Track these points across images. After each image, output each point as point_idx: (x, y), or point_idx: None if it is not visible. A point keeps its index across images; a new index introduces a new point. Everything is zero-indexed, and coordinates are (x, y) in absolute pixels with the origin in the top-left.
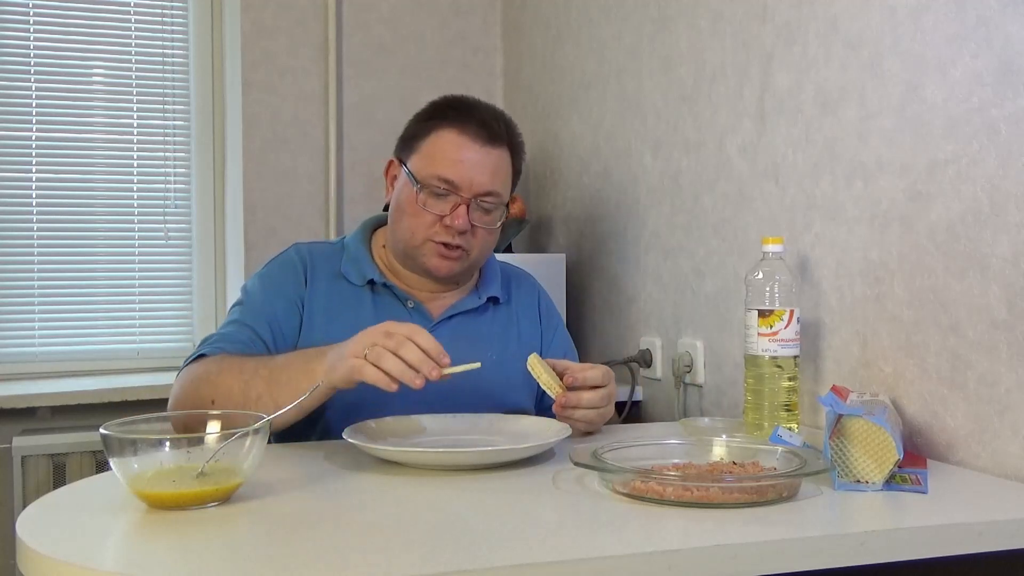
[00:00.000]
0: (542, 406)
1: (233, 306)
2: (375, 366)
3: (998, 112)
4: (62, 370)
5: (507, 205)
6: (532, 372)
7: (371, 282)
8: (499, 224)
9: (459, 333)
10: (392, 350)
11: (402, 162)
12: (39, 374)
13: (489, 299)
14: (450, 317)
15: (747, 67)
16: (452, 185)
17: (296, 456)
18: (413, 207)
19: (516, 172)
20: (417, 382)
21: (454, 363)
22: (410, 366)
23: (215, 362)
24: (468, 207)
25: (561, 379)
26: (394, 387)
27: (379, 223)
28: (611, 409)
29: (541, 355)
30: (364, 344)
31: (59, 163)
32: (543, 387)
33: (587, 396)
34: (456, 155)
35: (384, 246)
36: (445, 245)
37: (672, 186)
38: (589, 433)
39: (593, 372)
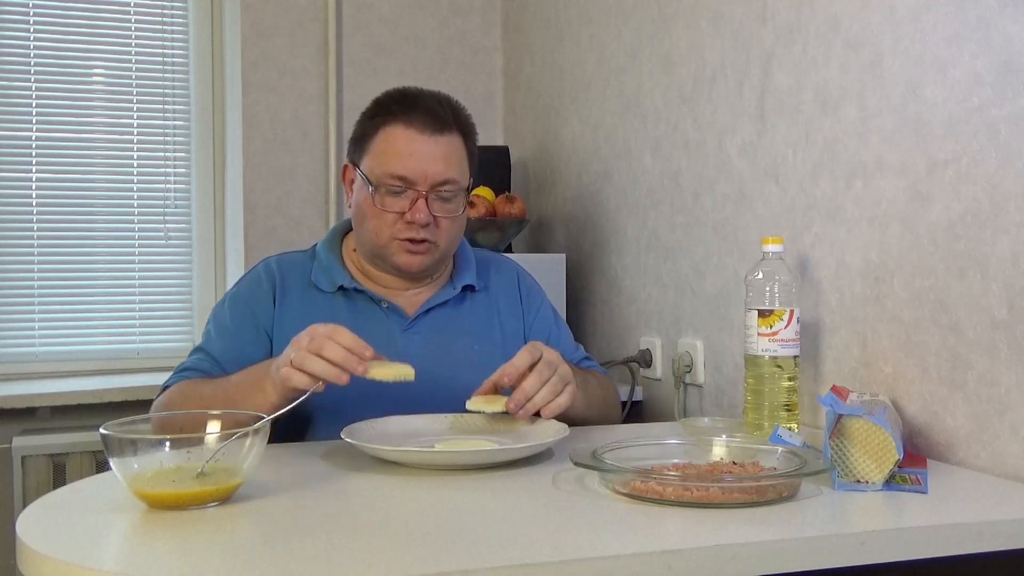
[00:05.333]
0: None
1: (205, 330)
2: (301, 371)
3: (998, 112)
4: (62, 370)
5: (468, 189)
6: (476, 410)
7: (343, 288)
8: (463, 211)
9: (437, 327)
10: (315, 352)
11: (355, 164)
12: (39, 374)
13: (465, 288)
14: (426, 312)
15: (747, 67)
16: (406, 181)
17: (296, 456)
18: (372, 209)
19: (471, 154)
20: (343, 378)
21: (436, 358)
22: (334, 364)
23: (178, 391)
24: (427, 199)
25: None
26: (321, 387)
27: (348, 228)
28: (565, 371)
29: (525, 338)
30: (291, 351)
31: (59, 163)
32: (497, 412)
33: (528, 383)
34: (406, 149)
35: (355, 250)
36: (411, 240)
37: (672, 186)
38: (572, 421)
39: (518, 359)
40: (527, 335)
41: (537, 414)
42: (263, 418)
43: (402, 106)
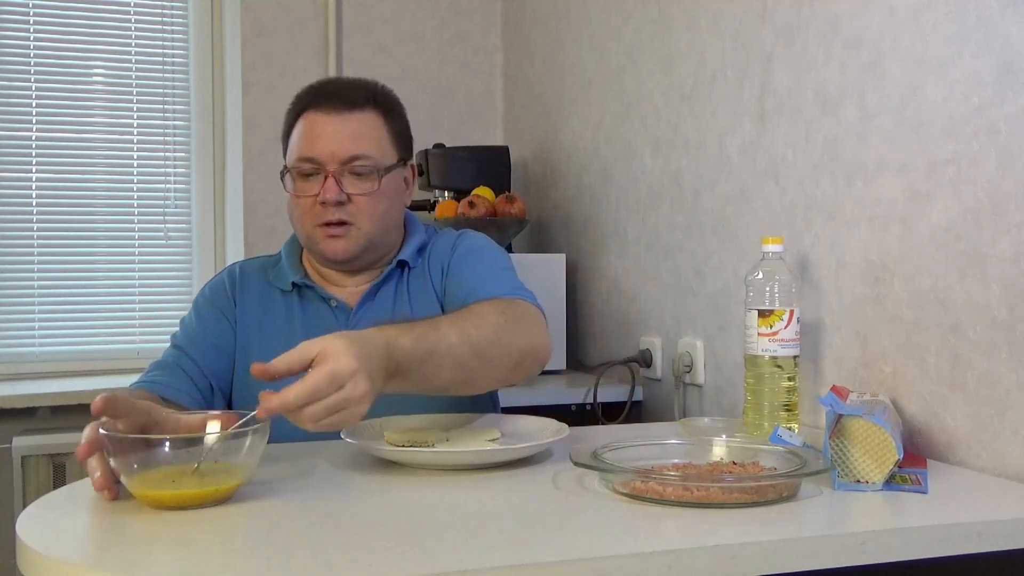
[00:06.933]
0: None
1: (174, 334)
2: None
3: (998, 112)
4: (62, 370)
5: (395, 167)
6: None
7: (296, 285)
8: (380, 187)
9: (377, 317)
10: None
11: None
12: (39, 374)
13: (399, 264)
14: (365, 303)
15: (747, 67)
16: (314, 162)
17: (296, 456)
18: (292, 198)
19: (395, 132)
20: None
21: None
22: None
23: None
24: (336, 178)
25: None
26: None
27: None
28: (349, 394)
29: (442, 303)
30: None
31: (59, 163)
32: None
33: (290, 396)
34: (313, 132)
35: None
36: (329, 224)
37: (672, 186)
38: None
39: (281, 362)
40: (444, 296)
41: None
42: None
43: (313, 94)
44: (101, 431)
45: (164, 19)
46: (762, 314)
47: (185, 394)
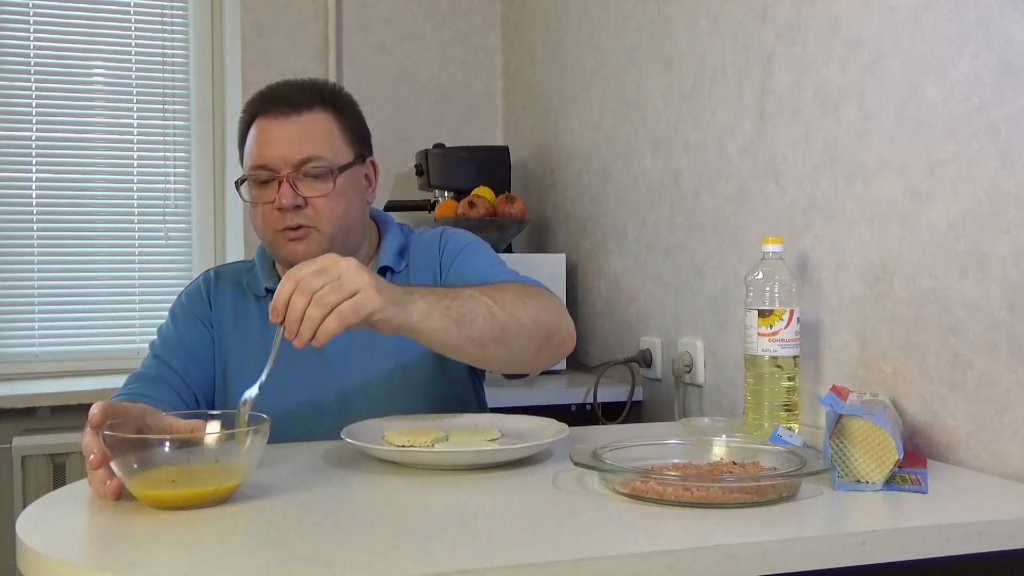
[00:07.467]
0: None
1: (151, 342)
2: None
3: (998, 112)
4: (62, 370)
5: (348, 165)
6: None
7: (269, 290)
8: (336, 187)
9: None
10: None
11: None
12: (39, 374)
13: (384, 270)
14: None
15: (747, 67)
16: (267, 168)
17: (296, 456)
18: (251, 207)
19: (348, 129)
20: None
21: (356, 352)
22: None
23: None
24: (291, 182)
25: None
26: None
27: None
28: (350, 278)
29: None
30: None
31: (59, 163)
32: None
33: (294, 308)
34: (263, 138)
35: None
36: (289, 229)
37: (672, 186)
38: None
39: (278, 289)
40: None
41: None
42: (263, 418)
43: (261, 100)
44: (102, 431)
45: (164, 19)
46: (762, 314)
47: (169, 405)
